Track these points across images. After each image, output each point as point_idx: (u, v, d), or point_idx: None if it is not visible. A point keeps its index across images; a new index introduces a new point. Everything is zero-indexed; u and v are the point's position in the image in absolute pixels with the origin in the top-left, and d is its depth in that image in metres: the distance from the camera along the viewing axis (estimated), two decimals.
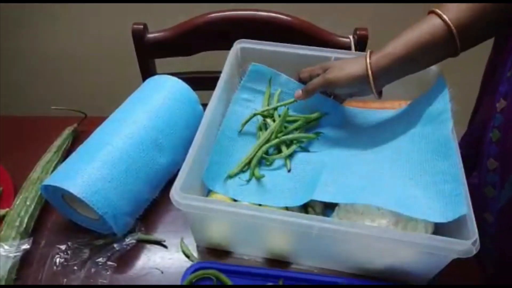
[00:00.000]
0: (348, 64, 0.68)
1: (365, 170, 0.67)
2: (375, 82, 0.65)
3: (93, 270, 0.64)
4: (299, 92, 0.73)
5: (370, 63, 0.65)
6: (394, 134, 0.72)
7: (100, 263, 0.65)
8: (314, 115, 0.76)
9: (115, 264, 0.65)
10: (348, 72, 0.67)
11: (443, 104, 0.68)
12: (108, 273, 0.64)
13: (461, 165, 0.61)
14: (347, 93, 0.72)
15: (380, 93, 0.69)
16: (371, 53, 0.66)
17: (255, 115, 0.75)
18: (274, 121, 0.75)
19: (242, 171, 0.70)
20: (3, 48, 1.39)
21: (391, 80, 0.67)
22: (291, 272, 0.64)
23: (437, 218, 0.57)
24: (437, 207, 0.59)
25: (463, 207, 0.56)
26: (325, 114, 0.76)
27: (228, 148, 0.73)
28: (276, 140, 0.72)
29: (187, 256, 0.67)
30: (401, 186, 0.64)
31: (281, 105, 0.76)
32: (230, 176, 0.69)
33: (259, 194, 0.67)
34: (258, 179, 0.69)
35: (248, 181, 0.68)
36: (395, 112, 0.76)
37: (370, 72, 0.64)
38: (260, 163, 0.72)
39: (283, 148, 0.73)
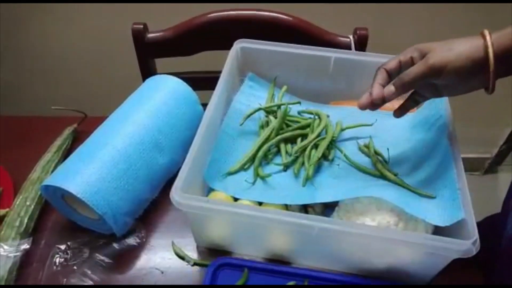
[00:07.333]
0: (457, 43, 0.53)
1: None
2: (496, 68, 0.51)
3: (93, 269, 0.64)
4: (390, 88, 0.56)
5: (490, 41, 0.50)
6: (395, 138, 0.73)
7: (100, 263, 0.65)
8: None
9: (115, 264, 0.65)
10: (459, 52, 0.52)
11: (440, 107, 0.69)
12: (108, 273, 0.64)
13: (459, 168, 0.61)
14: (451, 84, 0.55)
15: (494, 86, 0.53)
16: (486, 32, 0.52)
17: (260, 109, 0.75)
18: (276, 118, 0.75)
19: (243, 168, 0.70)
20: (3, 48, 1.39)
21: None
22: (316, 271, 0.63)
23: (434, 221, 0.58)
24: (436, 211, 0.59)
25: (460, 212, 0.56)
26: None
27: (229, 146, 0.73)
28: (276, 138, 0.72)
29: (181, 258, 0.67)
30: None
31: (287, 104, 0.75)
32: (231, 173, 0.69)
33: (259, 191, 0.67)
34: (263, 178, 0.69)
35: (253, 182, 0.68)
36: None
37: (491, 53, 0.50)
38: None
39: (282, 146, 0.73)
